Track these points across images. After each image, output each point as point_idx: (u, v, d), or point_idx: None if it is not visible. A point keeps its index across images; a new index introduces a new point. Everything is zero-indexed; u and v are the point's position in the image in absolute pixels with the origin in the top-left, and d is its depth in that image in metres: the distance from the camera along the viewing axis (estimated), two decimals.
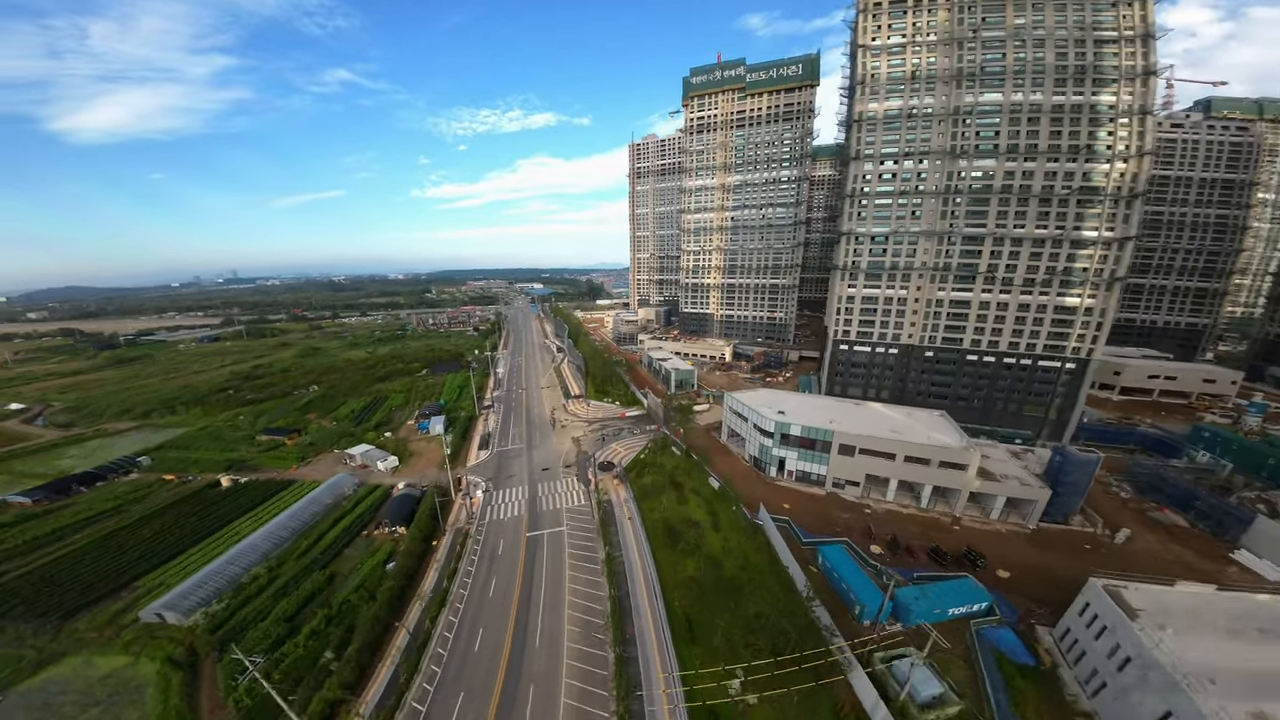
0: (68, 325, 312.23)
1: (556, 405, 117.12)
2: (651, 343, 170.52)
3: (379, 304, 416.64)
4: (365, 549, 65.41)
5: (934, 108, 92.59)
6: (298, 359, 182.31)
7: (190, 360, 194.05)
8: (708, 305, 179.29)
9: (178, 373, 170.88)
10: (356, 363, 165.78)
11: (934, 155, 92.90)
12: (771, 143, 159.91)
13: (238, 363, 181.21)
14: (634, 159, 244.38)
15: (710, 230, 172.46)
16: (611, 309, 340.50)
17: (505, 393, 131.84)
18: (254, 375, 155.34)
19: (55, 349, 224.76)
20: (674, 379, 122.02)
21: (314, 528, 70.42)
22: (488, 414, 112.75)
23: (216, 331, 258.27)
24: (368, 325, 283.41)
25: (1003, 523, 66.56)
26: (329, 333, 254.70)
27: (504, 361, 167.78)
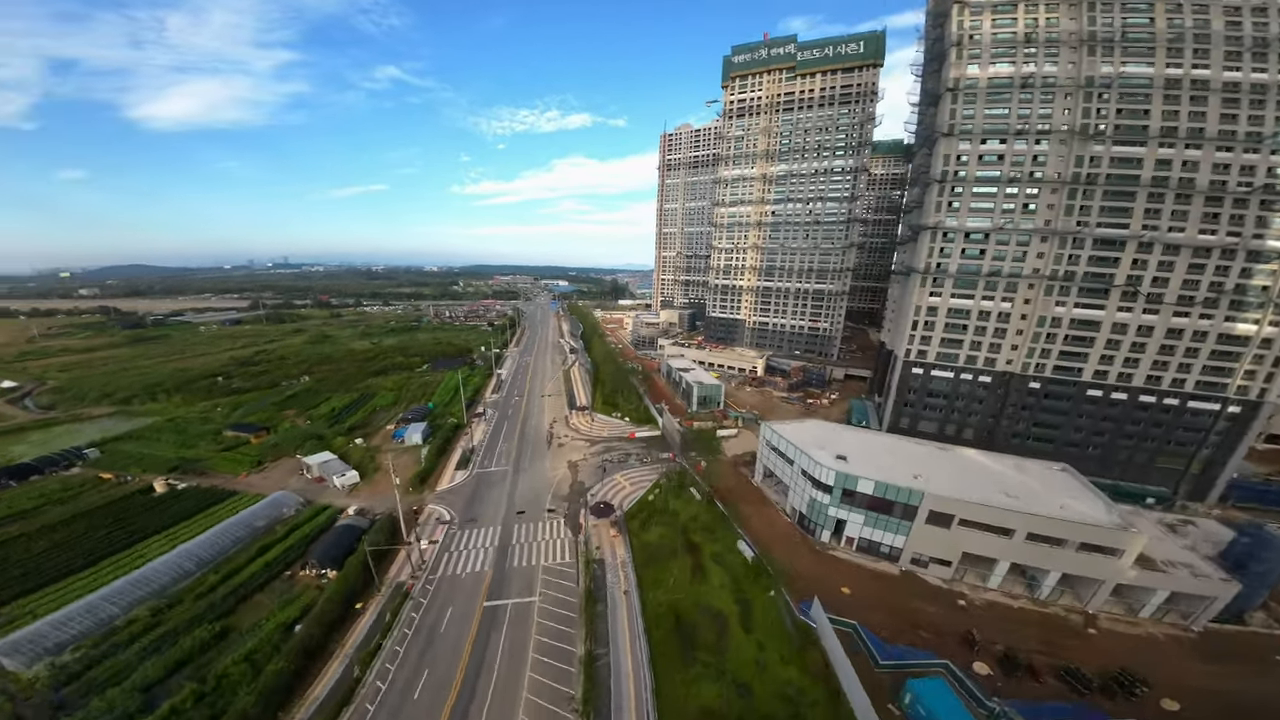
0: (109, 303, 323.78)
1: (558, 417, 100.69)
2: (672, 349, 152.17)
3: (404, 294, 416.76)
4: (282, 596, 50.49)
5: (1057, 76, 71.12)
6: (303, 346, 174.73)
7: (203, 343, 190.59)
8: (739, 310, 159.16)
9: (182, 355, 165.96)
10: (358, 354, 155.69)
11: (1056, 135, 71.20)
12: (824, 129, 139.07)
13: (245, 347, 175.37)
14: (665, 150, 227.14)
15: (747, 226, 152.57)
16: (633, 309, 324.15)
17: (504, 397, 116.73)
18: (251, 362, 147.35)
19: (85, 326, 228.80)
20: (696, 394, 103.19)
21: (232, 558, 56.35)
22: (477, 423, 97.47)
23: (240, 315, 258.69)
24: (386, 315, 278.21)
25: (1155, 622, 47.01)
26: (346, 321, 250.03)
27: (511, 360, 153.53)
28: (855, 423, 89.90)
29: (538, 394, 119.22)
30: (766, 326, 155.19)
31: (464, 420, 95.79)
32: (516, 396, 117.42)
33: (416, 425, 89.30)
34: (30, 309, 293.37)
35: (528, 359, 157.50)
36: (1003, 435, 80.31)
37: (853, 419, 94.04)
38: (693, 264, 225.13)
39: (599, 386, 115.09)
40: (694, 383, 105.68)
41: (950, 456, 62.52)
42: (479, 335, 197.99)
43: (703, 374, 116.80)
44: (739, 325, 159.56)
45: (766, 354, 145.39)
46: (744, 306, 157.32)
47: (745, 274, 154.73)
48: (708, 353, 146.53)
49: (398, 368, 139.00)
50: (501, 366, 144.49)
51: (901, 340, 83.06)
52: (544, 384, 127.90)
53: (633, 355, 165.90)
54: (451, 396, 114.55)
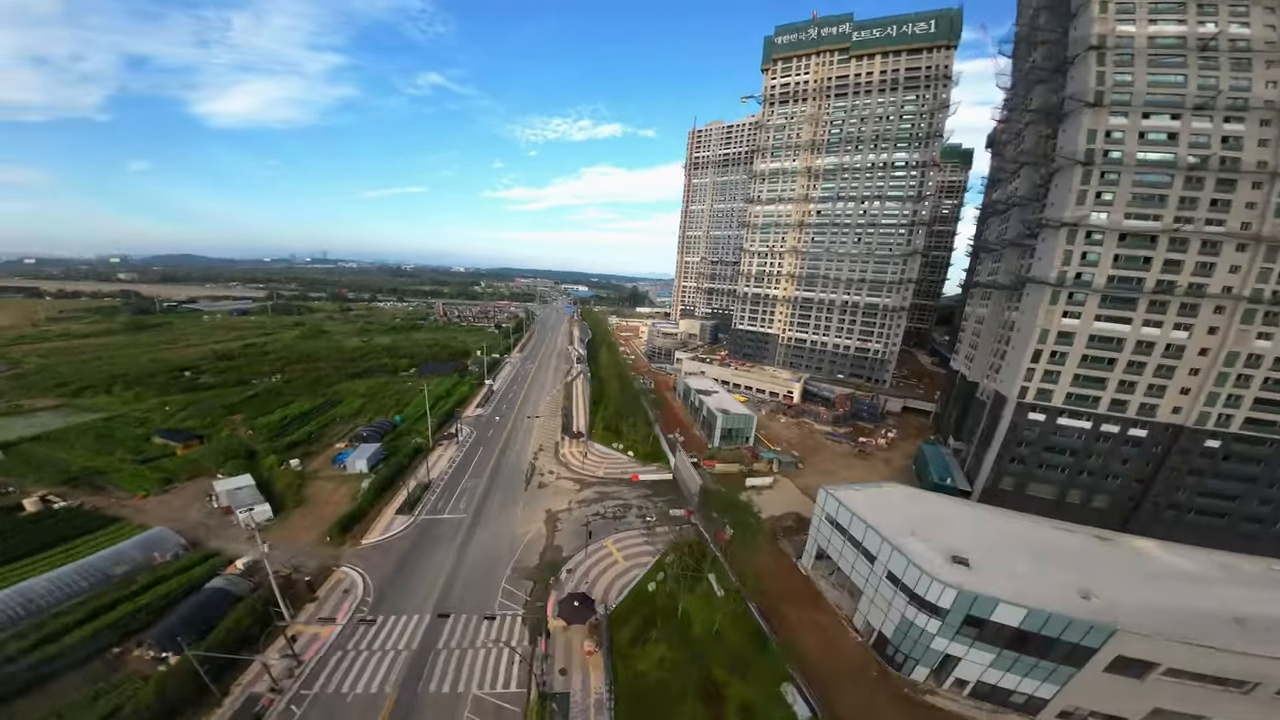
0: (140, 288, 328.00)
1: (547, 444, 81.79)
2: (691, 364, 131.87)
3: (424, 291, 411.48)
4: (91, 685, 33.42)
5: (1251, 38, 49.66)
6: (293, 341, 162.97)
7: (199, 332, 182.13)
8: (771, 323, 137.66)
9: (171, 345, 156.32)
10: (344, 352, 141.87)
11: (1256, 110, 49.28)
12: (884, 117, 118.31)
13: (235, 340, 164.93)
14: (693, 147, 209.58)
15: (785, 226, 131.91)
16: (650, 317, 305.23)
17: (489, 413, 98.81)
18: (229, 355, 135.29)
19: (97, 310, 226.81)
20: (720, 426, 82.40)
21: (58, 616, 39.69)
22: (445, 448, 79.40)
23: (248, 306, 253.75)
24: (395, 311, 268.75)
25: None
26: (354, 315, 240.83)
27: (510, 368, 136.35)
28: (935, 479, 67.25)
29: (530, 411, 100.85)
30: (804, 344, 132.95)
31: (428, 442, 77.91)
32: (504, 413, 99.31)
33: (367, 447, 71.88)
34: (57, 290, 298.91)
35: (530, 366, 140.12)
36: (1151, 508, 56.68)
37: (929, 471, 71.23)
38: (718, 271, 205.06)
39: (601, 407, 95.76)
40: (717, 410, 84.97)
41: (1120, 552, 40.24)
42: (483, 338, 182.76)
43: (727, 399, 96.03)
44: (771, 341, 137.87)
45: (803, 376, 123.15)
46: (778, 319, 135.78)
47: (781, 282, 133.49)
48: (733, 371, 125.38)
49: (381, 370, 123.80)
50: (496, 374, 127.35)
51: (1015, 375, 60.31)
52: (540, 399, 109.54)
53: (645, 369, 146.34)
54: (431, 407, 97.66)
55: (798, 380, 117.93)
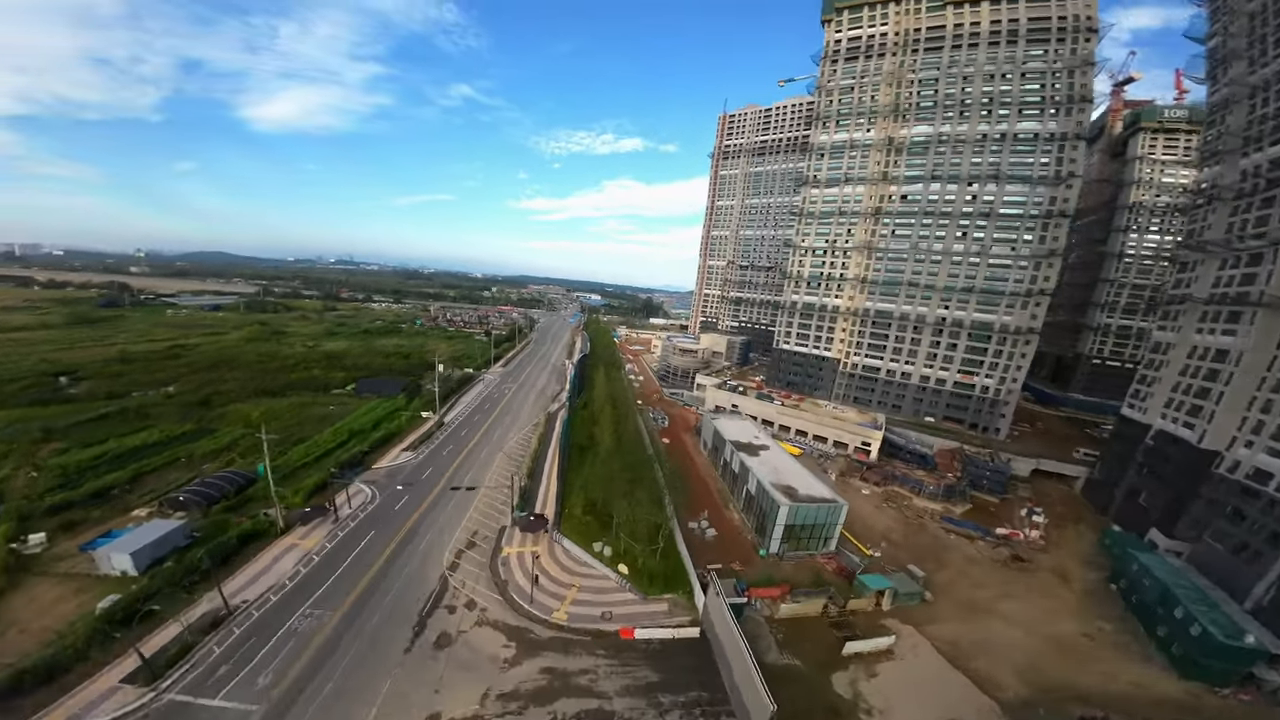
0: (129, 279, 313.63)
1: (485, 532, 49.00)
2: (718, 393, 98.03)
3: (427, 294, 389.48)
4: None
5: None
6: (235, 342, 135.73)
7: (150, 328, 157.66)
8: (828, 343, 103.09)
9: (99, 343, 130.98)
10: (276, 359, 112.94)
11: None
12: (999, 76, 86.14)
13: (173, 337, 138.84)
14: (723, 133, 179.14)
15: (853, 215, 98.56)
16: (665, 329, 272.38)
17: (419, 463, 66.69)
18: (134, 359, 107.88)
19: (71, 300, 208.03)
20: (782, 519, 47.77)
21: None
22: (307, 531, 47.02)
23: (221, 300, 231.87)
24: (384, 313, 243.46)
25: None
26: (333, 316, 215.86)
27: (482, 388, 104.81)
28: (1219, 637, 32.00)
29: (486, 459, 68.50)
30: (875, 373, 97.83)
31: (278, 523, 45.92)
32: (439, 464, 67.02)
33: (152, 529, 40.32)
34: (48, 280, 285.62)
35: (508, 386, 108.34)
36: None
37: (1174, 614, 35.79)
38: (749, 278, 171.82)
39: (582, 470, 62.40)
40: (774, 490, 50.55)
41: None
42: (467, 346, 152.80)
43: (784, 462, 61.72)
44: (827, 367, 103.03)
45: (876, 417, 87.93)
46: (839, 339, 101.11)
47: (845, 288, 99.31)
48: (777, 408, 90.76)
49: (308, 386, 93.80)
50: (460, 397, 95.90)
51: None
52: (508, 437, 77.15)
53: (655, 396, 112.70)
54: (331, 449, 66.27)
55: (875, 426, 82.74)
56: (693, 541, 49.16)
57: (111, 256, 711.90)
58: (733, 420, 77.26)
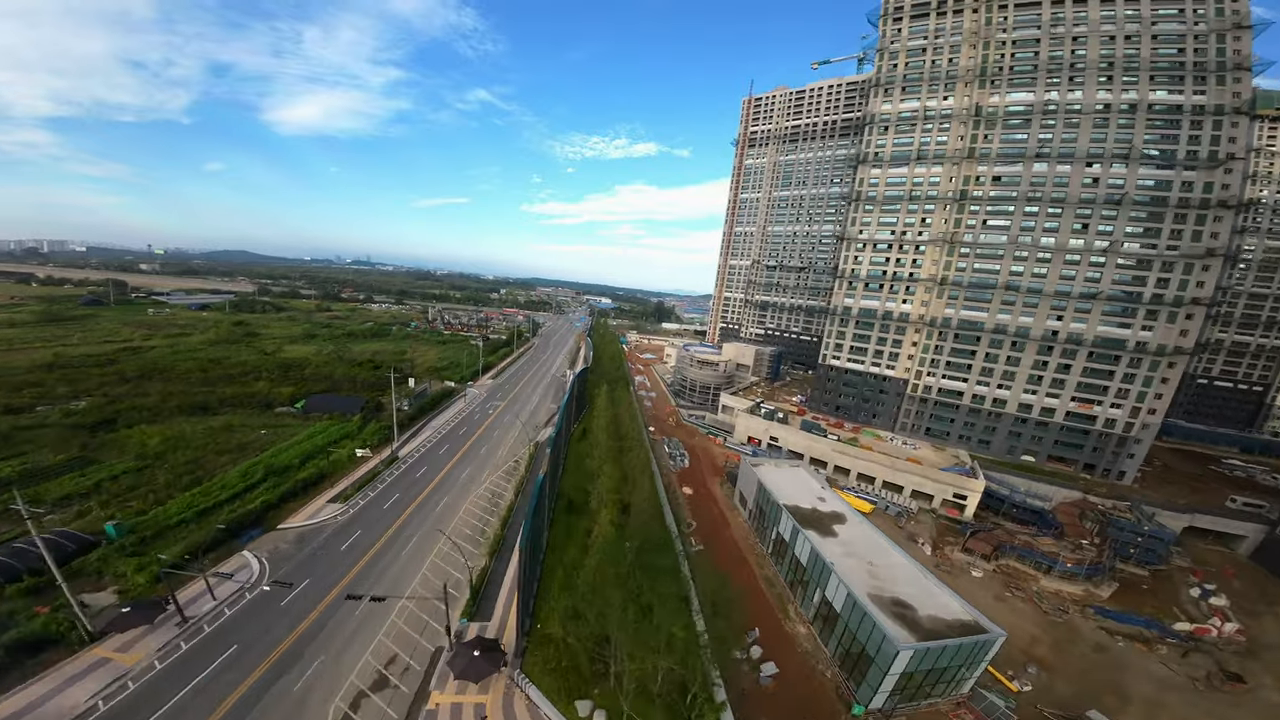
0: (127, 277, 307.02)
1: (409, 656, 29.82)
2: (751, 420, 77.69)
3: (432, 295, 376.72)
4: None
5: None
6: (197, 346, 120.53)
7: (117, 328, 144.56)
8: (893, 359, 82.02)
9: (52, 342, 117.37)
10: (226, 367, 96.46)
11: None
12: (1125, 37, 65.54)
13: (130, 340, 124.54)
14: (748, 118, 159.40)
15: (928, 201, 77.96)
16: (677, 334, 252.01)
17: (341, 524, 48.26)
18: (66, 365, 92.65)
19: (56, 298, 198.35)
20: (899, 661, 27.64)
21: None
22: (127, 643, 28.06)
23: (212, 299, 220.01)
24: (380, 315, 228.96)
25: None
26: (327, 317, 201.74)
27: (462, 405, 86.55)
28: None
29: (430, 517, 49.83)
30: (957, 400, 76.61)
31: (80, 625, 27.48)
32: (370, 524, 48.42)
33: None
34: (46, 276, 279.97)
35: (494, 406, 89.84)
36: None
37: None
38: (777, 279, 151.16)
39: (569, 548, 43.03)
40: (874, 611, 30.34)
41: None
42: (457, 352, 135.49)
43: (864, 534, 41.50)
44: (890, 389, 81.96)
45: (960, 456, 66.72)
46: (907, 353, 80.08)
47: (916, 291, 78.40)
48: (831, 444, 69.95)
49: (247, 403, 76.73)
50: (428, 423, 77.68)
51: None
52: (468, 490, 58.41)
53: (670, 418, 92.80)
54: (237, 492, 48.41)
55: (968, 470, 61.63)
56: (742, 688, 29.47)
57: (132, 254, 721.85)
58: (781, 469, 57.02)
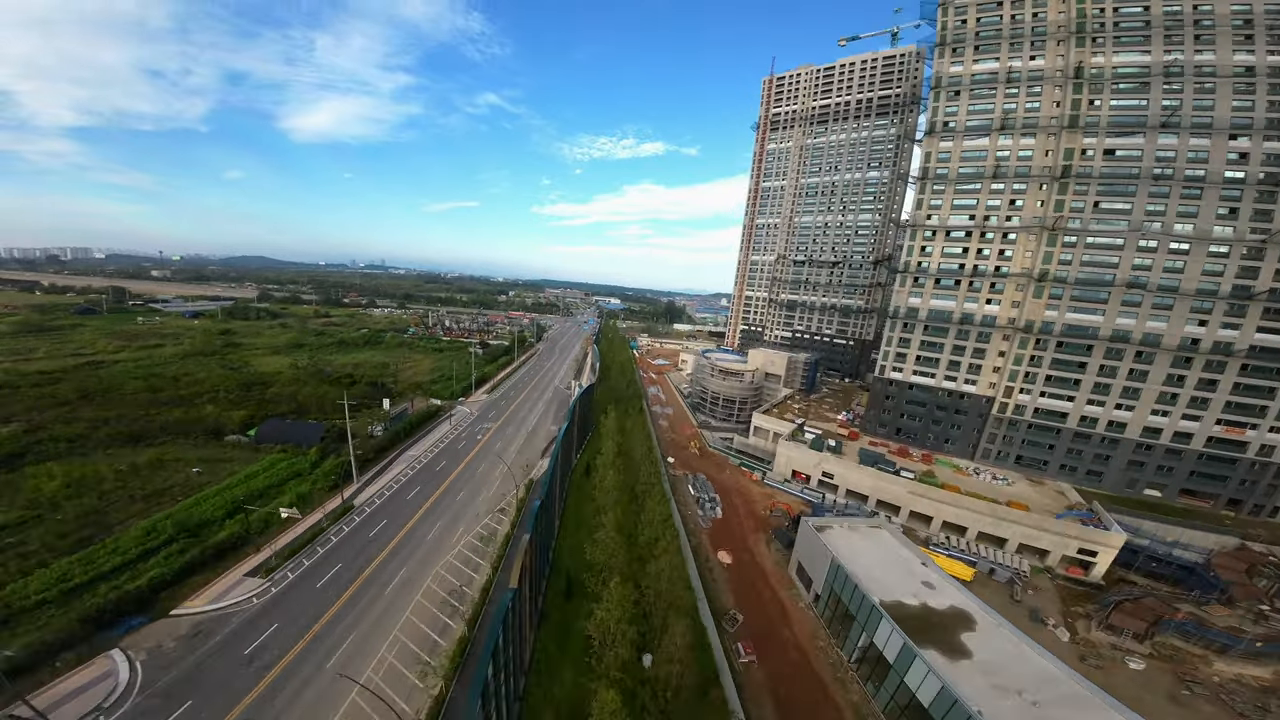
0: (131, 284, 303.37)
1: None
2: (795, 451, 62.38)
3: (438, 298, 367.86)
4: None
5: None
6: (168, 360, 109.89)
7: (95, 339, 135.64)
8: (973, 372, 66.09)
9: (20, 355, 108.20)
10: (181, 385, 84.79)
11: None
12: None
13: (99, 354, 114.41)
14: (770, 99, 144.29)
15: (1017, 179, 62.31)
16: (691, 335, 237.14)
17: (256, 610, 34.86)
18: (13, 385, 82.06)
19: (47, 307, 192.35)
20: None
21: None
22: None
23: (205, 307, 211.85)
24: (378, 320, 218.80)
25: None
26: (323, 323, 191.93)
27: (443, 433, 73.30)
28: None
29: (369, 618, 36.38)
30: (1059, 422, 60.63)
31: None
32: (296, 613, 34.98)
33: None
34: (50, 284, 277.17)
35: (484, 428, 76.38)
36: None
37: None
38: (806, 276, 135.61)
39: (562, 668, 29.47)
40: None
41: None
42: (451, 361, 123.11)
43: (1011, 644, 26.30)
44: (969, 408, 66.03)
45: (1069, 494, 50.81)
46: (992, 365, 64.20)
47: (1005, 290, 62.63)
48: (906, 485, 54.56)
49: (190, 430, 64.50)
50: (400, 455, 64.51)
51: None
52: (437, 552, 44.91)
53: (692, 444, 77.79)
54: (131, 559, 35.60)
55: (1087, 515, 46.00)
56: None
57: (149, 261, 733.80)
58: (858, 534, 41.97)
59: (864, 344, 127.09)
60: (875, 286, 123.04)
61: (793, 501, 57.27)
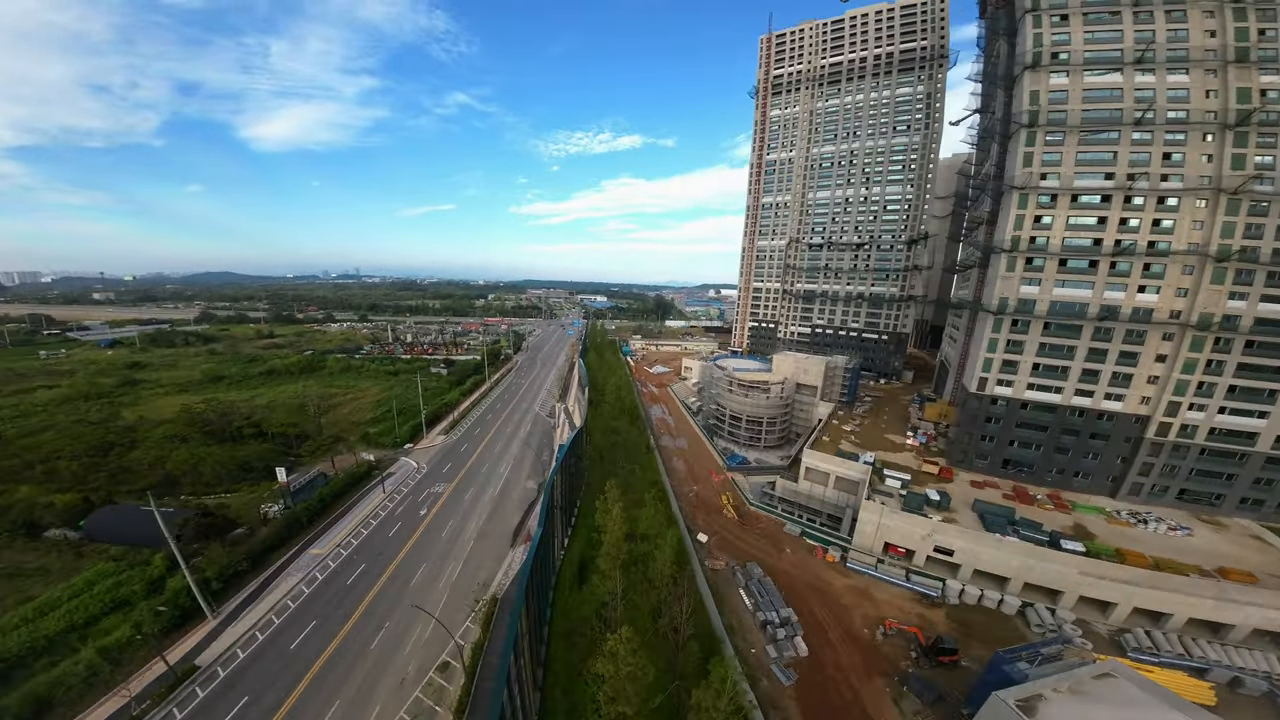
0: (58, 310, 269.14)
1: None
2: (891, 516, 42.86)
3: (407, 306, 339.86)
4: None
5: None
6: (38, 408, 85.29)
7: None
8: (1121, 384, 47.45)
9: None
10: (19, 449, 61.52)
11: None
12: None
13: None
14: (769, 59, 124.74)
15: (1170, 127, 43.53)
16: (687, 333, 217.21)
17: None
18: None
19: None
20: None
21: None
22: None
23: (123, 334, 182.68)
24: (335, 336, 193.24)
25: None
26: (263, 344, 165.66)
27: (373, 506, 51.96)
28: None
29: None
30: (1247, 445, 42.60)
31: None
32: None
33: None
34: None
35: (434, 493, 54.82)
36: None
37: None
38: (826, 261, 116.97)
39: None
40: None
41: None
42: (403, 391, 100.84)
43: None
44: (1111, 432, 47.16)
45: (1272, 540, 33.03)
46: (1144, 375, 45.52)
47: (1166, 273, 44.04)
48: (1078, 563, 35.58)
49: None
50: (291, 561, 43.24)
51: None
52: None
53: (720, 499, 57.00)
54: None
55: None
56: None
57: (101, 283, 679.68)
58: (1091, 698, 23.04)
59: (900, 338, 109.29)
60: (912, 270, 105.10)
61: (903, 601, 38.17)
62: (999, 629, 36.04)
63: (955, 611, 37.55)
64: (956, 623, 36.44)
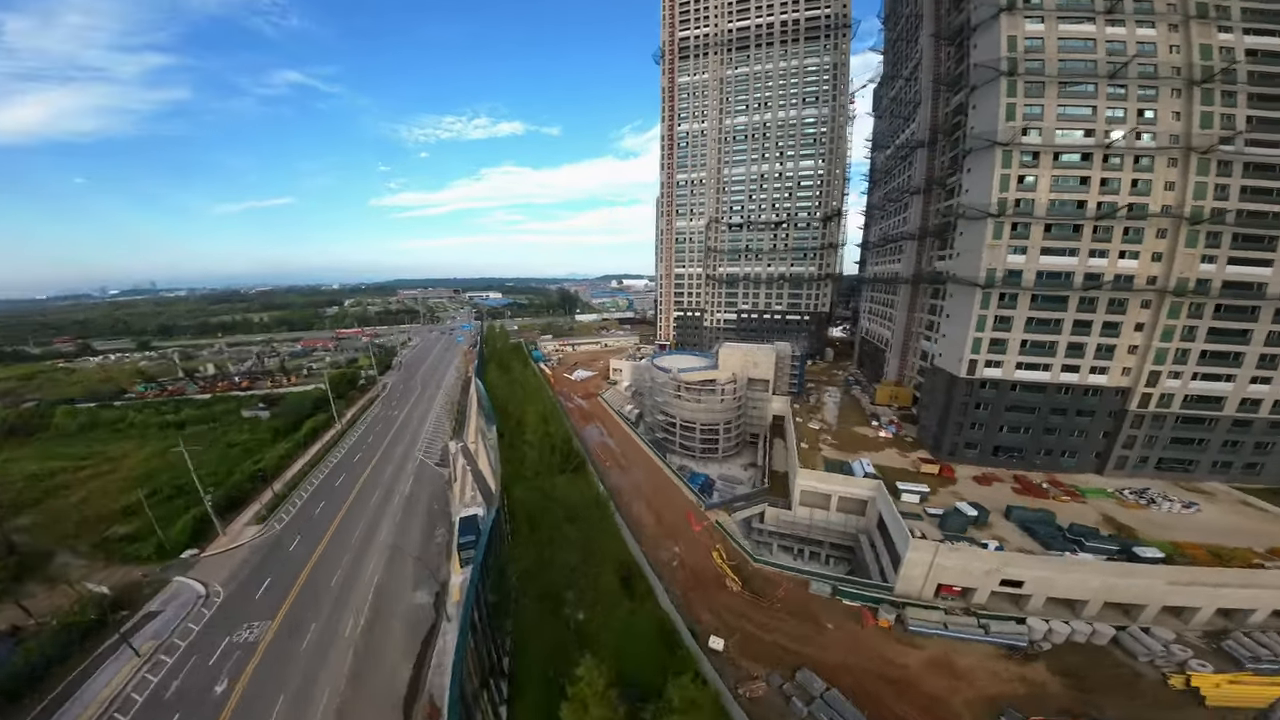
0: None
1: None
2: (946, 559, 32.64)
3: (218, 325, 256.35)
4: None
5: None
6: None
7: None
8: (1104, 356, 44.94)
9: None
10: None
11: None
12: None
13: None
14: (674, 21, 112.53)
15: (1143, 82, 40.86)
16: (602, 327, 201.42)
17: None
18: None
19: None
20: None
21: None
22: None
23: None
24: (93, 374, 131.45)
25: None
26: None
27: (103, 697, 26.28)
28: None
29: None
30: (1216, 410, 43.19)
31: None
32: None
33: None
34: None
35: (237, 645, 30.84)
36: None
37: None
38: (747, 243, 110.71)
39: None
40: None
41: None
42: (200, 449, 65.96)
43: None
44: (1095, 408, 44.60)
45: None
46: (1124, 346, 43.47)
47: (1144, 237, 41.71)
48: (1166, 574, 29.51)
49: None
50: None
51: None
52: None
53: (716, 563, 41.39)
54: None
55: None
56: None
57: None
58: None
59: (820, 318, 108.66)
60: (827, 248, 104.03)
61: (991, 662, 28.80)
62: (1108, 669, 28.81)
63: (1053, 659, 29.55)
64: (1062, 676, 28.27)
